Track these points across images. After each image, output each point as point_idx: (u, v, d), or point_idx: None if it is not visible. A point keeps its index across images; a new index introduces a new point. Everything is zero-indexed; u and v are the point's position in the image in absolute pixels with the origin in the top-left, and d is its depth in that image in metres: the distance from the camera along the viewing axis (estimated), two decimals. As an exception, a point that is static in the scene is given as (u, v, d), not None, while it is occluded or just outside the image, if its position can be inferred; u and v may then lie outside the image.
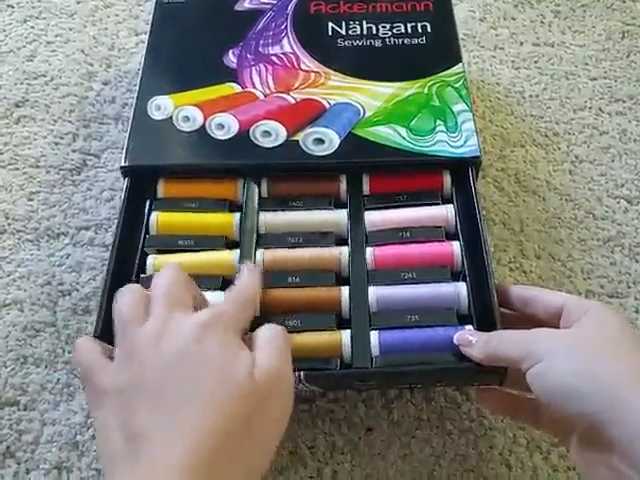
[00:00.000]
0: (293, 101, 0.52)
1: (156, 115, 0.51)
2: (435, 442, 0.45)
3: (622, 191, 0.57)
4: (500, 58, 0.67)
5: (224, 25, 0.57)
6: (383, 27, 0.56)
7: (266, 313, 0.43)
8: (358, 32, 0.56)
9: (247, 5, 0.59)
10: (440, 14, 0.57)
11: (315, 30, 0.57)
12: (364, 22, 0.57)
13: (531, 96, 0.64)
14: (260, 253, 0.45)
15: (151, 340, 0.33)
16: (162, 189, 0.49)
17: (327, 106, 0.51)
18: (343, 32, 0.56)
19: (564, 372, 0.33)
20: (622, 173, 0.58)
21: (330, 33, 0.56)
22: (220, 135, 0.50)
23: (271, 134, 0.49)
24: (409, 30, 0.56)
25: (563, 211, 0.56)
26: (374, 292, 0.43)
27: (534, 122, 0.62)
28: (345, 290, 0.44)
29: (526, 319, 0.41)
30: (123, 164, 0.48)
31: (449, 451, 0.44)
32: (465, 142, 0.48)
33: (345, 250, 0.46)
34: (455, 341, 0.40)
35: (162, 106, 0.51)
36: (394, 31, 0.56)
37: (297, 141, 0.49)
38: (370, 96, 0.52)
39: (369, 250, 0.45)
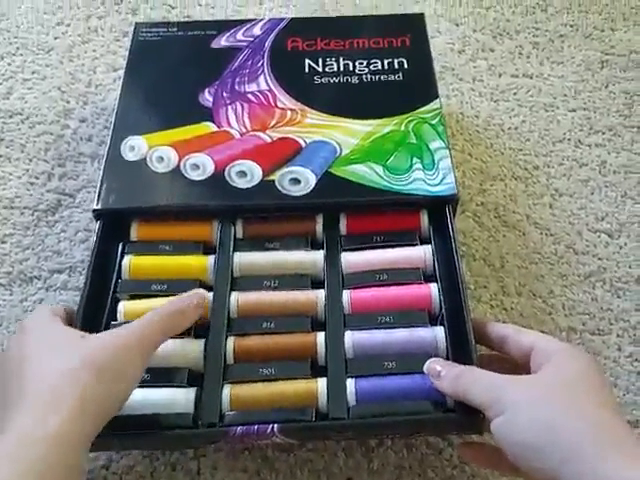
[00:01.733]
0: (269, 140, 0.52)
1: (130, 156, 0.50)
2: (416, 490, 0.44)
3: (602, 225, 0.57)
4: (479, 90, 0.67)
5: (201, 63, 0.57)
6: (360, 63, 0.56)
7: (240, 360, 0.42)
8: (335, 69, 0.56)
9: (224, 43, 0.58)
10: (417, 50, 0.57)
11: (292, 67, 0.56)
12: (341, 58, 0.57)
13: (510, 128, 0.64)
14: (234, 297, 0.45)
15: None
16: (135, 231, 0.48)
17: (303, 145, 0.51)
18: (320, 69, 0.56)
19: (524, 427, 0.33)
20: (602, 206, 0.58)
21: (307, 70, 0.56)
22: (195, 176, 0.49)
23: (247, 174, 0.49)
24: (386, 66, 0.56)
25: (543, 246, 0.55)
26: (350, 337, 0.42)
27: (513, 155, 0.62)
28: (321, 336, 0.43)
29: (505, 360, 0.41)
30: (95, 207, 0.47)
31: (431, 499, 0.43)
32: (442, 180, 0.48)
33: (321, 293, 0.45)
34: (424, 369, 0.40)
35: (136, 147, 0.51)
36: (371, 67, 0.56)
37: (273, 181, 0.48)
38: (347, 134, 0.52)
39: (346, 293, 0.45)
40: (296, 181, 0.48)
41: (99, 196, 0.48)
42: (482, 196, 0.59)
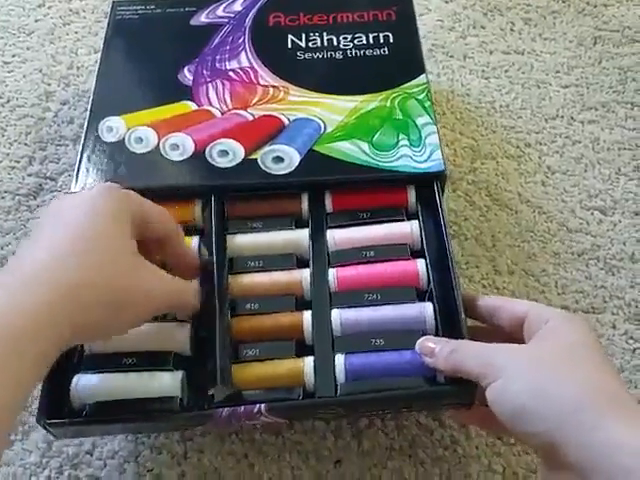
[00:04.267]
0: (251, 118, 0.50)
1: (108, 137, 0.49)
2: (407, 472, 0.43)
3: (596, 202, 0.56)
4: (470, 68, 0.66)
5: (179, 40, 0.56)
6: (344, 38, 0.55)
7: (224, 342, 0.41)
8: (318, 44, 0.55)
9: (203, 19, 0.57)
10: (403, 23, 0.56)
11: (274, 43, 0.55)
12: (324, 34, 0.55)
13: (502, 106, 0.62)
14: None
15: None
16: None
17: (286, 122, 0.50)
18: (303, 44, 0.55)
19: (518, 391, 0.32)
20: (595, 183, 0.57)
21: (290, 46, 0.55)
22: (175, 156, 0.48)
23: (228, 153, 0.48)
24: (371, 41, 0.55)
25: (536, 224, 0.54)
26: (337, 315, 0.41)
27: (505, 133, 0.61)
28: (307, 314, 0.42)
29: (494, 333, 0.40)
30: (74, 189, 0.46)
31: (422, 481, 0.42)
32: (429, 156, 0.47)
33: (307, 272, 0.44)
34: (417, 349, 0.39)
35: (114, 127, 0.49)
36: (355, 42, 0.55)
37: (256, 160, 0.47)
38: (331, 111, 0.50)
39: (331, 271, 0.43)
40: (279, 159, 0.47)
41: (77, 178, 0.46)
42: (473, 175, 0.57)
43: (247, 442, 0.43)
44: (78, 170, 0.47)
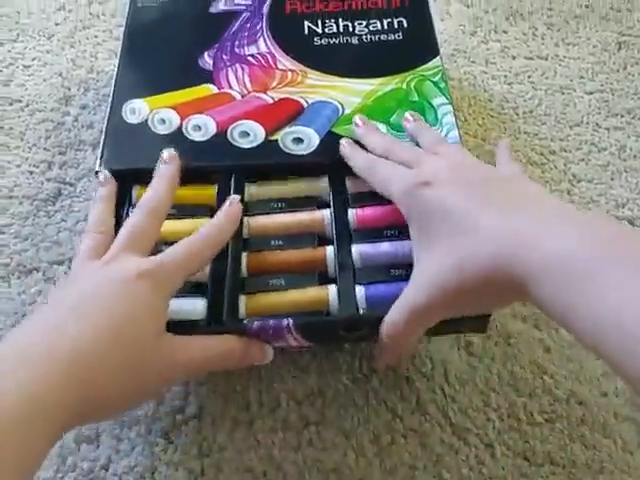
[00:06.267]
0: (271, 101, 0.51)
1: (131, 119, 0.50)
2: (431, 490, 0.42)
3: (624, 212, 0.54)
4: (492, 73, 0.65)
5: (199, 27, 0.57)
6: (359, 24, 0.56)
7: (250, 274, 0.43)
8: (334, 30, 0.55)
9: (222, 7, 0.58)
10: (415, 9, 0.57)
11: (291, 29, 0.56)
12: (340, 20, 0.56)
13: (525, 112, 0.61)
14: (245, 221, 0.45)
15: (91, 272, 0.37)
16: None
17: (305, 105, 0.50)
18: (319, 30, 0.55)
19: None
20: (623, 192, 0.56)
21: (306, 32, 0.55)
22: (197, 137, 0.48)
23: (249, 134, 0.48)
24: (385, 26, 0.55)
25: (561, 233, 0.53)
26: (357, 249, 0.43)
27: (529, 140, 0.60)
28: (330, 249, 0.43)
29: None
30: (97, 169, 0.46)
31: (446, 499, 0.42)
32: (447, 135, 0.48)
33: (327, 212, 0.45)
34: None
35: (137, 110, 0.50)
36: (370, 28, 0.55)
37: (276, 140, 0.48)
38: (348, 93, 0.51)
39: (351, 211, 0.45)
40: (299, 140, 0.48)
41: (101, 158, 0.47)
42: (496, 182, 0.56)
43: (266, 459, 0.43)
44: (102, 150, 0.47)
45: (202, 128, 0.49)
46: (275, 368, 0.46)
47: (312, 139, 0.48)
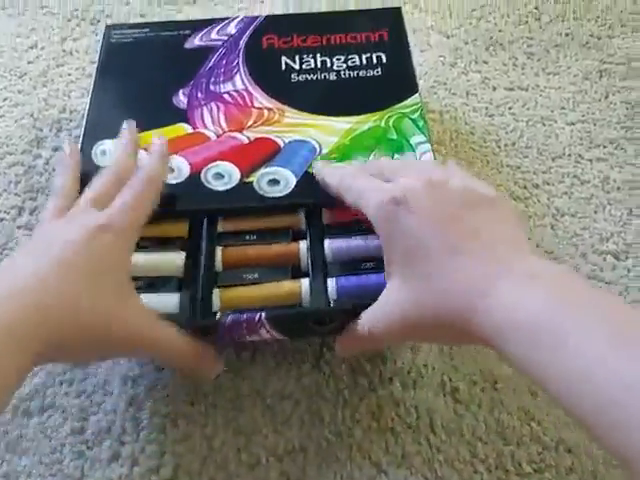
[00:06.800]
0: (246, 140, 0.50)
1: (102, 161, 0.48)
2: None
3: (608, 246, 0.53)
4: (473, 105, 0.64)
5: (174, 64, 0.55)
6: (337, 59, 0.55)
7: (224, 268, 0.44)
8: (312, 66, 0.54)
9: (197, 42, 0.57)
10: (395, 44, 0.56)
11: (268, 65, 0.55)
12: (318, 55, 0.55)
13: (507, 145, 0.61)
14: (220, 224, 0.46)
15: (55, 227, 0.39)
16: None
17: (282, 145, 0.49)
18: (297, 66, 0.54)
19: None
20: (607, 226, 0.55)
21: (284, 68, 0.54)
22: (171, 179, 0.47)
23: (224, 176, 0.47)
24: (364, 62, 0.54)
25: (546, 271, 0.52)
26: (329, 244, 0.44)
27: (511, 173, 0.59)
28: (303, 244, 0.44)
29: None
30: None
31: None
32: None
33: (301, 214, 0.46)
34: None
35: (108, 151, 0.49)
36: (349, 63, 0.54)
37: (251, 183, 0.47)
38: (326, 132, 0.50)
39: (325, 211, 0.46)
40: (275, 182, 0.47)
41: None
42: (479, 218, 0.55)
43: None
44: None
45: (175, 170, 0.48)
46: (254, 420, 0.44)
47: (289, 180, 0.47)
